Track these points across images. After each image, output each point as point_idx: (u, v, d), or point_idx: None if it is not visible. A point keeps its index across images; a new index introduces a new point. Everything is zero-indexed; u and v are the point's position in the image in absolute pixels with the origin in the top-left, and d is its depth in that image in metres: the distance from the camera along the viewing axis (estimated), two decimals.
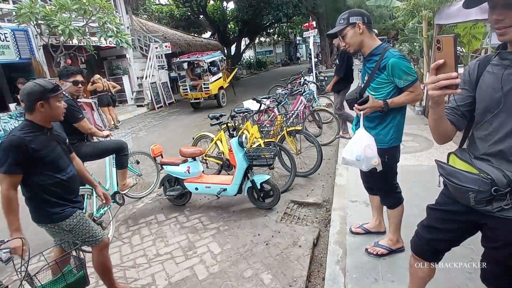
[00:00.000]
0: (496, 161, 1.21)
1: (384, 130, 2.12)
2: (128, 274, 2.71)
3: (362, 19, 2.03)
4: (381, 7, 10.88)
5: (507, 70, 1.16)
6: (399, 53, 2.00)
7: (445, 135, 1.33)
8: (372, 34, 2.09)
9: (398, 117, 2.11)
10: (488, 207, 1.20)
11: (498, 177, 1.15)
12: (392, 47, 2.08)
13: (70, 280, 1.46)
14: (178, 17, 22.47)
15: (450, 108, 1.34)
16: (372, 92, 2.09)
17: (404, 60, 1.97)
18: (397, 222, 2.34)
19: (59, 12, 8.08)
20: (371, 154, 1.93)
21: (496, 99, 1.17)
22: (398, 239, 2.37)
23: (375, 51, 2.06)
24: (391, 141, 2.12)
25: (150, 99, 12.52)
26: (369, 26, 2.06)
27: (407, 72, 1.95)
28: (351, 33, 2.06)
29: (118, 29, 9.38)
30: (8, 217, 1.73)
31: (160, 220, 3.59)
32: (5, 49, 8.38)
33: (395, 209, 2.31)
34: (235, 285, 2.41)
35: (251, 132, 4.28)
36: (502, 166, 1.18)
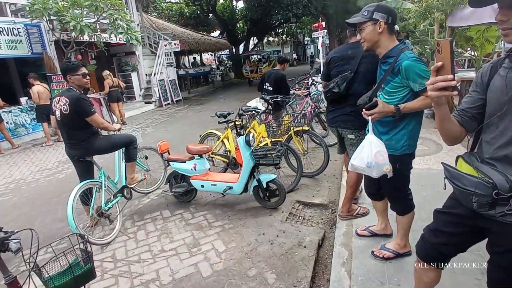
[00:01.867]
0: (501, 165, 1.19)
1: (396, 135, 2.02)
2: (133, 269, 2.73)
3: (386, 18, 1.91)
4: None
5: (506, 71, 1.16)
6: (414, 55, 1.90)
7: (452, 136, 1.32)
8: (392, 35, 1.98)
9: (413, 122, 2.01)
10: (491, 212, 1.19)
11: (500, 181, 1.14)
12: (408, 48, 1.97)
13: (77, 273, 1.48)
14: (187, 15, 22.57)
15: (460, 110, 1.33)
16: (386, 96, 2.01)
17: (419, 63, 1.86)
18: (406, 228, 2.29)
19: (71, 8, 8.18)
20: (383, 161, 1.85)
21: (503, 102, 1.17)
22: (406, 244, 2.34)
23: (390, 53, 1.97)
24: (403, 147, 2.02)
25: (158, 96, 12.61)
26: (391, 27, 1.95)
27: (422, 76, 1.83)
28: (370, 28, 1.95)
29: (129, 26, 9.46)
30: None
31: (166, 216, 3.61)
32: (18, 44, 8.52)
33: (405, 215, 2.25)
34: (239, 284, 2.41)
35: (258, 131, 4.28)
36: (506, 170, 1.17)
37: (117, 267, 2.77)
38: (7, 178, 5.62)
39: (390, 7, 2.02)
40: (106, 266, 2.78)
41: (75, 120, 3.06)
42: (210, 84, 19.31)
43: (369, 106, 1.90)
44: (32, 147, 7.90)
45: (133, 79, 13.04)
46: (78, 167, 3.29)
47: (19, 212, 4.13)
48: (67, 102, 3.01)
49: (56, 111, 3.11)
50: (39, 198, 4.57)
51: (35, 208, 4.23)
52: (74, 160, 3.26)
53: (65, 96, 3.05)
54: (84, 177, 3.24)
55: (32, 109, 8.41)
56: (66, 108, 3.01)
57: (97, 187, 3.22)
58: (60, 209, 4.05)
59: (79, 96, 3.05)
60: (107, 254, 2.97)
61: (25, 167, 6.22)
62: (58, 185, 5.00)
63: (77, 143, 3.15)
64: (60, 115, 3.07)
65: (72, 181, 4.70)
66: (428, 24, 6.71)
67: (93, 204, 3.16)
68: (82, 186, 3.05)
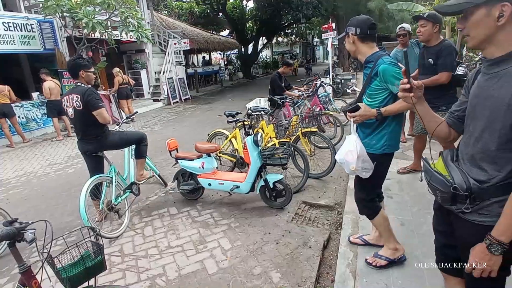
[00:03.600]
0: (467, 165, 1.26)
1: (377, 136, 2.12)
2: (140, 264, 2.77)
3: (354, 30, 2.06)
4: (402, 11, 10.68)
5: (482, 76, 1.24)
6: (391, 59, 2.01)
7: (439, 136, 1.42)
8: (367, 43, 2.09)
9: (393, 124, 2.10)
10: (453, 207, 1.27)
11: (459, 181, 1.22)
12: (387, 54, 2.08)
13: (88, 264, 1.52)
14: (197, 14, 22.68)
15: (450, 111, 1.43)
16: (368, 99, 2.12)
17: (394, 66, 1.96)
18: (383, 230, 2.29)
19: (84, 6, 8.30)
20: (351, 160, 2.03)
21: (473, 104, 1.26)
22: (395, 247, 2.30)
23: (369, 58, 2.09)
24: (383, 147, 2.10)
25: (167, 94, 12.70)
26: (363, 37, 2.06)
27: (398, 78, 1.92)
28: (347, 42, 2.16)
29: (139, 24, 9.55)
30: None
31: (173, 213, 3.65)
32: (31, 40, 8.67)
33: (373, 219, 2.27)
34: (244, 281, 2.44)
35: (266, 131, 4.30)
36: (471, 171, 1.23)
37: (125, 261, 2.82)
38: (18, 171, 5.74)
39: (362, 18, 2.10)
40: (114, 260, 2.83)
41: (89, 115, 3.12)
42: (218, 83, 19.38)
43: (351, 109, 2.04)
44: (43, 141, 8.04)
45: (142, 76, 13.17)
46: (90, 162, 3.35)
47: (30, 205, 4.22)
48: (78, 98, 3.07)
49: (68, 109, 3.17)
50: (49, 191, 4.66)
51: (45, 201, 4.31)
52: (86, 154, 3.32)
53: (75, 93, 3.11)
54: (94, 171, 3.30)
55: (43, 104, 8.55)
56: (79, 104, 3.07)
57: (108, 182, 3.28)
58: (70, 203, 4.13)
59: (89, 89, 3.12)
60: (115, 248, 3.03)
61: (36, 161, 6.33)
62: (67, 180, 5.09)
63: (92, 138, 3.21)
64: (74, 112, 3.13)
65: (82, 176, 4.78)
66: None
67: (103, 198, 3.22)
68: (94, 180, 3.11)
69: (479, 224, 1.22)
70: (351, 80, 10.74)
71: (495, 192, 1.17)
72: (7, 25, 8.09)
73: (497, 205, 1.17)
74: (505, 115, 1.11)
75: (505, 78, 1.12)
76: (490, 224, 1.18)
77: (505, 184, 1.15)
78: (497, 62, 1.15)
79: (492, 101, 1.16)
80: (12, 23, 8.21)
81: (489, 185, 1.17)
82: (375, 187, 2.29)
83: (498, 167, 1.16)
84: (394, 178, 3.80)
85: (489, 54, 1.18)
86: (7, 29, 8.10)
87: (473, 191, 1.19)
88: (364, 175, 2.09)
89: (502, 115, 1.12)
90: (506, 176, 1.15)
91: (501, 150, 1.15)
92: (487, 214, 1.20)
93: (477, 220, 1.22)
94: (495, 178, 1.17)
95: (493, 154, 1.17)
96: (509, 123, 1.11)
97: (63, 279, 1.48)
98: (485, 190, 1.18)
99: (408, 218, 2.95)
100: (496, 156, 1.16)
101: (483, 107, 1.20)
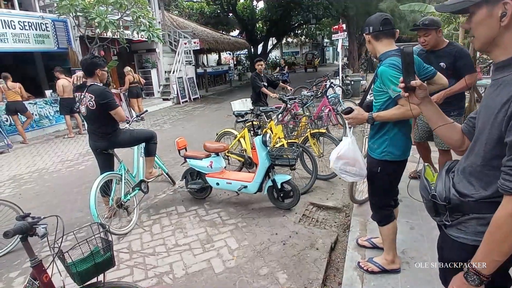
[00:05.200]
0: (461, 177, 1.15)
1: (378, 140, 2.07)
2: (148, 261, 2.80)
3: (367, 30, 2.04)
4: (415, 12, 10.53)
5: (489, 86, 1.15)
6: (393, 61, 1.89)
7: (450, 143, 1.30)
8: (382, 41, 2.01)
9: (395, 131, 2.00)
10: (437, 218, 1.22)
11: (440, 189, 1.17)
12: (396, 55, 1.93)
13: (98, 260, 1.54)
14: (207, 14, 22.81)
15: (467, 118, 1.30)
16: (374, 99, 2.10)
17: (391, 69, 1.85)
18: (388, 240, 2.22)
19: (97, 5, 8.43)
20: (331, 158, 2.20)
21: (478, 113, 1.16)
22: (393, 259, 2.25)
23: (380, 57, 2.04)
24: (383, 153, 2.04)
25: (176, 93, 12.80)
26: (376, 35, 2.01)
27: (392, 81, 1.82)
28: (366, 41, 2.12)
29: (151, 23, 9.66)
30: None
31: (180, 211, 3.67)
32: (45, 38, 8.85)
33: (384, 226, 2.20)
34: (250, 281, 2.44)
35: (274, 131, 4.30)
36: (459, 183, 1.14)
37: (133, 258, 2.85)
38: (31, 167, 5.86)
39: (374, 16, 2.04)
40: (122, 257, 2.86)
41: (101, 113, 3.16)
42: (228, 83, 19.44)
43: (345, 112, 2.05)
44: (55, 138, 8.20)
45: (153, 75, 13.29)
46: (100, 159, 3.39)
47: (42, 200, 4.30)
48: (92, 98, 3.09)
49: (81, 107, 3.21)
50: (60, 187, 4.74)
51: (56, 197, 4.39)
52: (97, 152, 3.36)
53: (90, 92, 3.12)
54: (104, 169, 3.34)
55: (56, 102, 8.71)
56: (93, 103, 3.10)
57: (117, 179, 3.33)
58: (80, 199, 4.19)
59: (104, 90, 3.15)
60: (123, 245, 3.06)
61: (48, 157, 6.45)
62: (78, 176, 5.17)
63: (103, 136, 3.25)
64: (86, 111, 3.16)
65: (92, 173, 4.85)
66: (453, 29, 6.55)
67: (113, 195, 3.26)
68: (104, 178, 3.15)
69: (454, 240, 1.15)
70: (361, 81, 10.65)
71: (475, 208, 1.08)
72: (22, 24, 8.27)
73: (475, 222, 1.09)
74: (491, 128, 1.00)
75: (502, 86, 1.01)
76: (464, 242, 1.11)
77: (488, 202, 1.05)
78: (501, 67, 1.04)
79: (485, 111, 1.06)
80: (27, 22, 8.39)
81: (471, 200, 1.09)
82: (385, 194, 2.19)
83: (484, 185, 1.07)
84: (404, 181, 3.73)
85: (495, 58, 1.07)
86: (23, 28, 8.28)
87: (452, 202, 1.12)
88: (345, 178, 2.15)
89: (489, 128, 1.01)
90: (491, 195, 1.05)
91: (486, 166, 1.05)
92: (464, 230, 1.12)
93: (454, 235, 1.15)
94: (479, 194, 1.08)
95: (479, 169, 1.08)
96: (494, 137, 0.99)
97: (73, 274, 1.50)
98: (465, 204, 1.10)
99: (418, 222, 2.91)
100: (482, 173, 1.07)
101: (480, 117, 1.10)
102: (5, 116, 7.74)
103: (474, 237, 1.09)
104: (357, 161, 2.14)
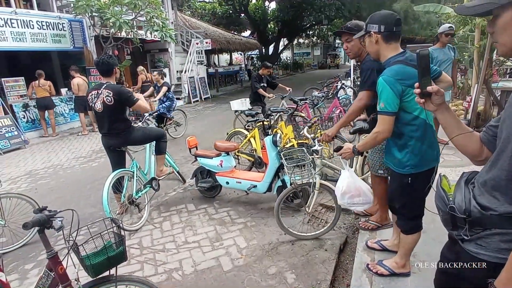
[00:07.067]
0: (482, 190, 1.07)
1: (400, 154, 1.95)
2: (158, 257, 2.84)
3: (377, 28, 1.84)
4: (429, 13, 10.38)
5: None
6: (395, 71, 1.78)
7: (467, 152, 1.22)
8: (391, 44, 1.87)
9: (412, 141, 1.88)
10: (454, 232, 1.12)
11: (459, 200, 1.07)
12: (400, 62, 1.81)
13: (110, 254, 1.58)
14: (219, 15, 22.94)
15: (486, 126, 1.21)
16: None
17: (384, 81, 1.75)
18: (407, 248, 2.18)
19: (112, 6, 8.59)
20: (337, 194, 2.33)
21: (501, 122, 1.07)
22: (405, 264, 2.22)
23: (384, 63, 1.89)
24: (406, 167, 1.92)
25: (187, 92, 12.92)
26: (387, 35, 1.84)
27: (384, 98, 1.75)
28: (367, 42, 1.93)
29: (164, 24, 9.78)
30: None
31: (190, 209, 3.72)
32: (61, 38, 9.06)
33: (408, 235, 2.13)
34: (258, 280, 2.45)
35: (285, 132, 4.30)
36: (481, 195, 1.05)
37: (143, 254, 2.91)
38: (46, 163, 6.01)
39: (386, 13, 1.88)
40: (132, 252, 2.92)
41: (117, 110, 3.23)
42: (238, 83, 19.50)
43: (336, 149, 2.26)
44: (69, 135, 8.39)
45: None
46: (112, 156, 3.46)
47: (56, 195, 4.41)
48: (110, 94, 3.15)
49: (96, 103, 3.24)
50: (74, 183, 4.85)
51: (69, 193, 4.49)
52: (110, 149, 3.43)
53: (107, 88, 3.18)
54: (117, 166, 3.41)
55: (71, 100, 8.92)
56: (111, 99, 3.15)
57: (129, 176, 3.39)
58: (93, 195, 4.28)
59: (122, 87, 3.26)
60: (134, 241, 3.12)
61: (62, 154, 6.61)
62: (91, 173, 5.28)
63: (117, 133, 3.32)
64: (103, 106, 3.20)
65: (105, 170, 4.95)
66: (468, 30, 6.42)
67: (125, 191, 3.33)
68: (117, 174, 3.22)
69: (473, 256, 1.06)
70: None
71: (498, 222, 0.99)
72: (40, 24, 8.49)
73: (498, 238, 1.00)
74: None
75: None
76: (484, 259, 1.03)
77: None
78: None
79: (510, 121, 0.98)
80: (45, 22, 8.61)
81: (494, 213, 1.00)
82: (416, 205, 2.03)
83: (510, 200, 0.97)
84: None
85: None
86: (40, 28, 8.50)
87: (472, 215, 1.03)
88: (356, 209, 2.17)
89: None
90: None
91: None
92: (484, 247, 1.03)
93: (473, 251, 1.06)
94: (504, 208, 0.98)
95: (504, 184, 0.98)
96: None
97: (86, 267, 1.54)
98: (488, 218, 1.01)
99: (430, 226, 2.86)
100: (507, 187, 0.98)
101: (504, 127, 1.02)
102: (23, 113, 7.98)
103: (496, 253, 1.01)
104: (361, 191, 2.17)
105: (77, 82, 7.95)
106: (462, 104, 6.37)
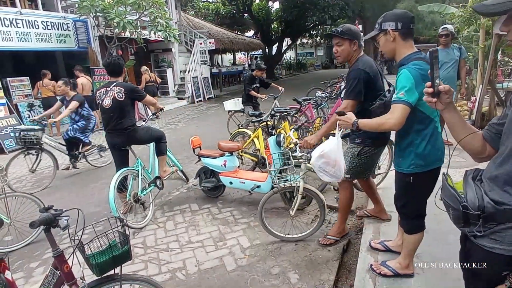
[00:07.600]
0: (488, 185, 1.11)
1: (403, 154, 1.97)
2: (161, 257, 2.86)
3: (395, 26, 1.84)
4: (434, 13, 10.32)
5: None
6: (418, 65, 1.78)
7: (471, 150, 1.24)
8: (407, 42, 1.89)
9: (418, 140, 1.89)
10: (466, 229, 1.14)
11: (472, 197, 1.09)
12: (422, 59, 1.83)
13: (115, 253, 1.59)
14: (223, 15, 22.97)
15: (488, 124, 1.25)
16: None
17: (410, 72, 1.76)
18: (410, 248, 2.17)
19: (116, 6, 8.64)
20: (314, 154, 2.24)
21: (510, 118, 1.10)
22: (408, 265, 2.22)
23: (402, 61, 1.89)
24: (411, 166, 1.93)
25: (191, 92, 12.95)
26: (405, 33, 1.86)
27: (404, 86, 1.75)
28: (383, 40, 1.93)
29: (167, 24, 9.81)
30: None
31: (194, 209, 3.73)
32: (66, 38, 9.13)
33: (411, 235, 2.13)
34: (261, 280, 2.46)
35: (288, 132, 4.30)
36: (491, 190, 1.08)
37: (147, 253, 2.92)
38: (50, 162, 6.03)
39: (401, 12, 1.89)
40: (136, 252, 2.93)
41: (126, 107, 3.33)
42: (242, 83, 19.51)
43: (339, 113, 2.06)
44: None
45: (168, 75, 13.50)
46: (117, 155, 3.49)
47: (60, 194, 4.45)
48: (122, 90, 3.28)
49: (105, 99, 3.29)
50: (78, 182, 4.89)
51: (73, 191, 4.53)
52: (114, 148, 3.46)
53: (119, 85, 3.31)
54: (121, 165, 3.44)
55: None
56: (122, 95, 3.27)
57: (134, 175, 3.42)
58: (96, 194, 4.31)
59: (132, 85, 3.50)
60: (138, 240, 3.14)
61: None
62: (95, 172, 5.31)
63: (122, 131, 3.35)
64: (112, 102, 3.27)
65: (108, 169, 4.98)
66: (473, 30, 6.38)
67: (130, 190, 3.35)
68: (122, 173, 3.25)
69: (488, 251, 1.08)
70: None
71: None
72: (45, 24, 8.56)
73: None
74: None
75: None
76: (500, 253, 1.05)
77: None
78: None
79: None
80: (50, 22, 8.68)
81: (508, 207, 1.02)
82: (419, 205, 2.06)
83: None
84: None
85: None
86: (45, 28, 8.57)
87: (486, 211, 1.05)
88: (322, 177, 2.17)
89: None
90: None
91: None
92: (499, 241, 1.05)
93: (487, 246, 1.08)
94: None
95: None
96: None
97: (92, 266, 1.56)
98: (502, 212, 1.03)
99: (433, 226, 2.85)
100: None
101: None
102: (27, 113, 8.04)
103: (511, 247, 1.03)
104: (337, 163, 2.13)
105: (82, 81, 7.99)
106: (466, 104, 6.33)
